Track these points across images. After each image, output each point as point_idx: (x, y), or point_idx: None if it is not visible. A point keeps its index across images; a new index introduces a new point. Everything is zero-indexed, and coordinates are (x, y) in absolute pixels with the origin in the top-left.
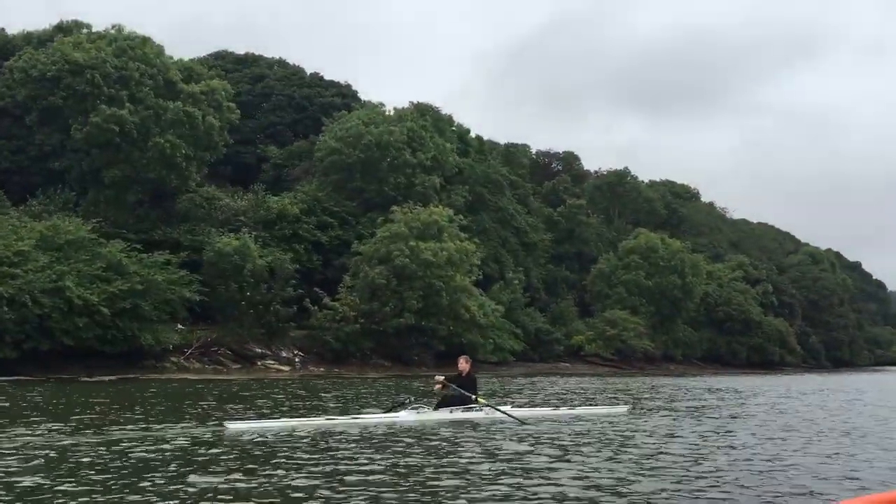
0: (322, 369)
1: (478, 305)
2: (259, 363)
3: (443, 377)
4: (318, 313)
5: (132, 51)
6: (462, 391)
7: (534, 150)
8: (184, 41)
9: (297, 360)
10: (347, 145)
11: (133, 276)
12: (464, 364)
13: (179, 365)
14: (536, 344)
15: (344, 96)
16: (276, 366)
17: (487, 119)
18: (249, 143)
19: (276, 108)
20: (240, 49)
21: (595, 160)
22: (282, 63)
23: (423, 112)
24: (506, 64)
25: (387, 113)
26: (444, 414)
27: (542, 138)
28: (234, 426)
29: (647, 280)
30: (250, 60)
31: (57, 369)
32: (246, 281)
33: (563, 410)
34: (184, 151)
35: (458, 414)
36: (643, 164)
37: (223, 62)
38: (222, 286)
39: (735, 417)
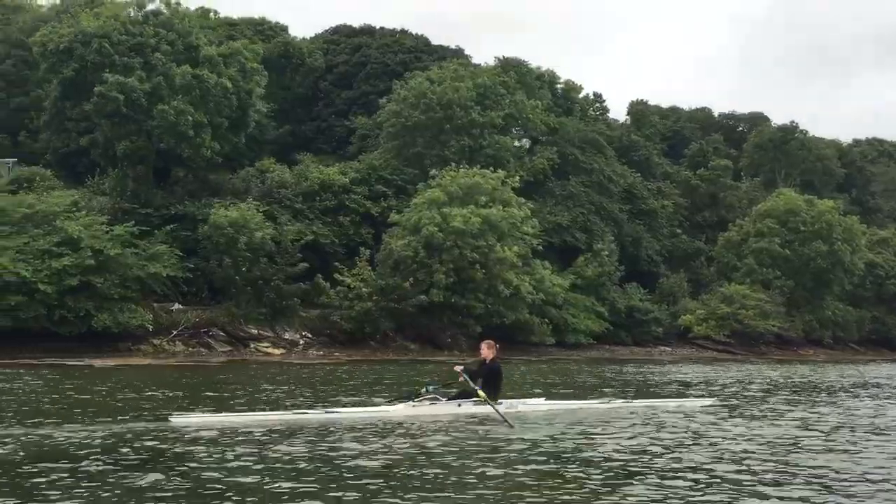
0: (323, 352)
1: (534, 280)
2: (252, 346)
3: (461, 367)
4: (329, 290)
5: (155, 17)
6: (471, 382)
7: (716, 113)
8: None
9: (301, 342)
10: (408, 107)
11: (84, 251)
12: (486, 350)
13: (160, 348)
14: (631, 324)
15: (442, 59)
16: (267, 349)
17: (740, 87)
18: (343, 114)
19: (371, 76)
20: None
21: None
22: (404, 33)
23: (507, 67)
24: (761, 28)
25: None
26: (447, 408)
27: (795, 106)
28: (179, 420)
29: (783, 249)
30: (365, 32)
31: (13, 352)
32: (241, 255)
33: (614, 403)
34: (191, 118)
35: (465, 408)
36: None
37: (337, 36)
38: (217, 262)
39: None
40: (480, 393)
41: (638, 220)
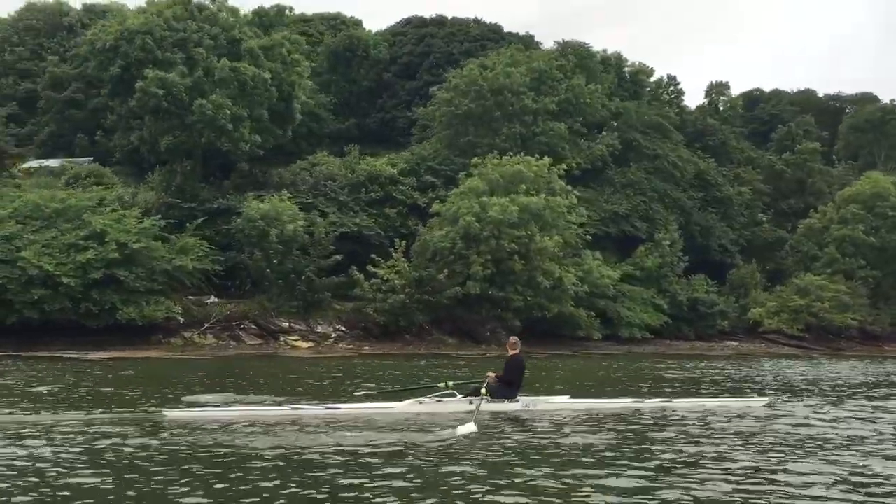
0: (352, 346)
1: (582, 271)
2: (282, 339)
3: (494, 374)
4: (363, 283)
5: (199, 12)
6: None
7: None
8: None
9: (333, 335)
10: (459, 95)
11: (109, 245)
12: (509, 346)
13: (190, 340)
14: (694, 318)
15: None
16: (296, 342)
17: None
18: (406, 105)
19: (434, 66)
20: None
21: None
22: (477, 22)
23: (566, 51)
24: None
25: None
26: (456, 405)
27: None
28: (173, 414)
29: (868, 236)
30: (435, 23)
31: (42, 345)
32: (273, 248)
33: (647, 402)
34: (229, 112)
35: (474, 405)
36: None
37: (408, 27)
38: (248, 255)
39: None
40: (483, 389)
41: (711, 207)
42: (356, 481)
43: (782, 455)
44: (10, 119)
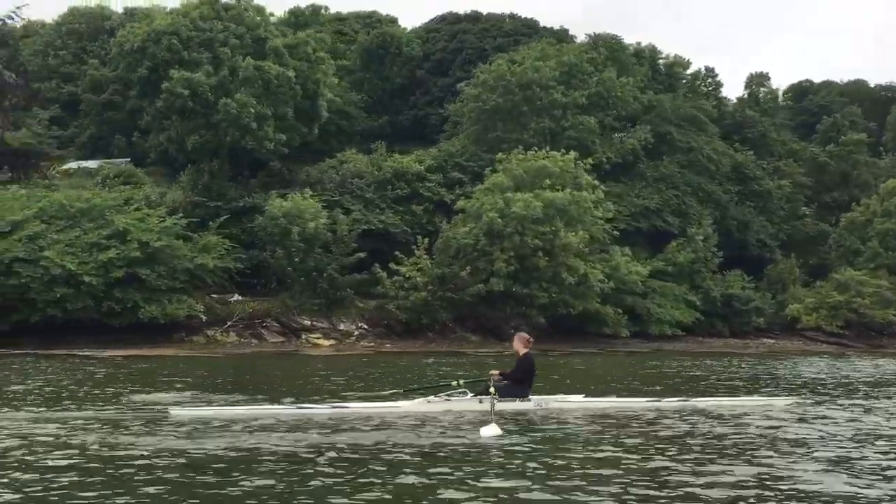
0: (373, 344)
1: (609, 267)
2: (304, 337)
3: (497, 372)
4: (385, 280)
5: (226, 12)
6: (490, 384)
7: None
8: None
9: (356, 333)
10: (487, 90)
11: (131, 244)
12: (517, 343)
13: (212, 338)
14: (729, 314)
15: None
16: (317, 340)
17: None
18: (438, 102)
19: (466, 62)
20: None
21: None
22: (512, 17)
23: (597, 44)
24: None
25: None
26: (466, 404)
27: None
28: (178, 413)
29: None
30: (470, 18)
31: (65, 343)
32: (294, 246)
33: (665, 401)
34: (253, 110)
35: (486, 405)
36: None
37: (442, 24)
38: (270, 253)
39: None
40: (491, 389)
41: (749, 201)
42: (363, 481)
43: (797, 458)
44: (53, 122)
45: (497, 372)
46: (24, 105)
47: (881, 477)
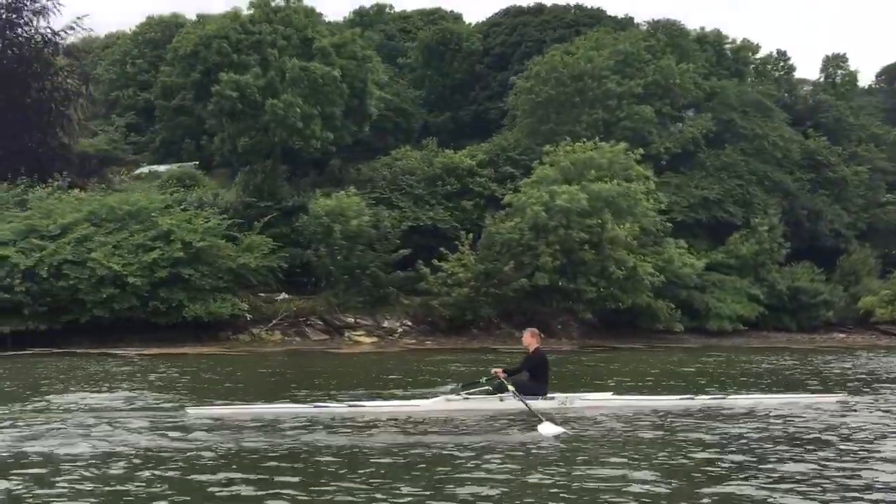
0: (415, 341)
1: (662, 260)
2: (346, 334)
3: (501, 368)
4: (429, 277)
5: (275, 15)
6: (507, 382)
7: None
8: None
9: (399, 330)
10: (539, 82)
11: (174, 244)
12: (528, 338)
13: (257, 337)
14: (796, 308)
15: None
16: (359, 337)
17: None
18: (498, 97)
19: (526, 55)
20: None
21: None
22: (577, 7)
23: (655, 30)
24: None
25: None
26: (487, 403)
27: None
28: (195, 411)
29: None
30: (533, 11)
31: (113, 343)
32: (337, 244)
33: (699, 399)
34: (299, 110)
35: (507, 404)
36: None
37: (505, 18)
38: (314, 251)
39: None
40: (510, 387)
41: (823, 189)
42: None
43: (841, 457)
44: (130, 129)
45: (501, 370)
46: (104, 113)
47: None
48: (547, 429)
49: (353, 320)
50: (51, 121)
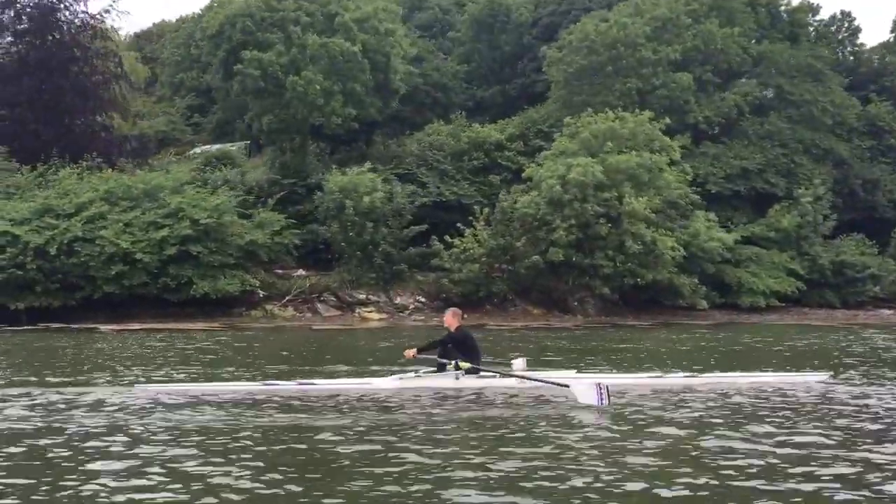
0: (423, 318)
1: (688, 234)
2: (357, 311)
3: (413, 350)
4: (443, 253)
5: None
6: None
7: None
8: None
9: (411, 306)
10: (572, 52)
11: (182, 221)
12: (449, 318)
13: (270, 313)
14: (841, 283)
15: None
16: (369, 314)
17: None
18: (525, 75)
19: (571, 24)
20: None
21: None
22: None
23: None
24: None
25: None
26: (442, 381)
27: None
28: (142, 388)
29: None
30: None
31: (126, 317)
32: (349, 220)
33: (669, 377)
34: (318, 87)
35: (464, 381)
36: None
37: None
38: (327, 228)
39: None
40: (462, 364)
41: (884, 158)
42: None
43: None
44: (192, 110)
45: (413, 351)
46: (169, 96)
47: None
48: (581, 395)
49: (365, 297)
50: (93, 105)
